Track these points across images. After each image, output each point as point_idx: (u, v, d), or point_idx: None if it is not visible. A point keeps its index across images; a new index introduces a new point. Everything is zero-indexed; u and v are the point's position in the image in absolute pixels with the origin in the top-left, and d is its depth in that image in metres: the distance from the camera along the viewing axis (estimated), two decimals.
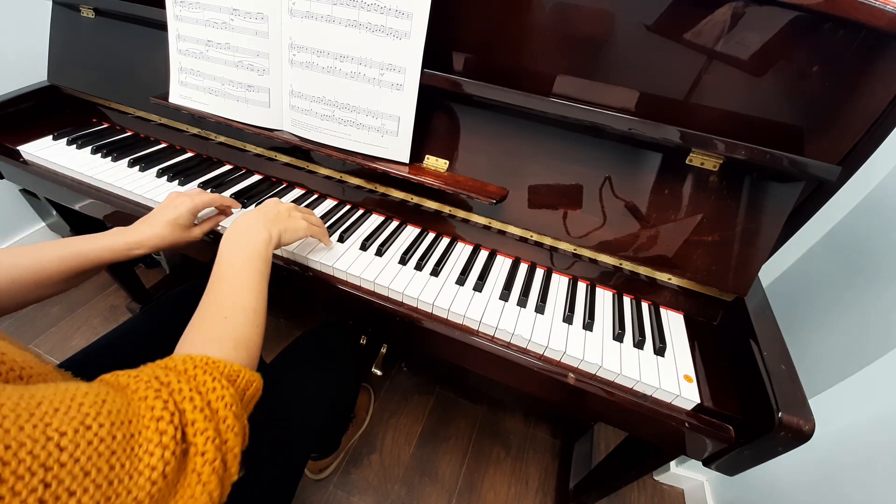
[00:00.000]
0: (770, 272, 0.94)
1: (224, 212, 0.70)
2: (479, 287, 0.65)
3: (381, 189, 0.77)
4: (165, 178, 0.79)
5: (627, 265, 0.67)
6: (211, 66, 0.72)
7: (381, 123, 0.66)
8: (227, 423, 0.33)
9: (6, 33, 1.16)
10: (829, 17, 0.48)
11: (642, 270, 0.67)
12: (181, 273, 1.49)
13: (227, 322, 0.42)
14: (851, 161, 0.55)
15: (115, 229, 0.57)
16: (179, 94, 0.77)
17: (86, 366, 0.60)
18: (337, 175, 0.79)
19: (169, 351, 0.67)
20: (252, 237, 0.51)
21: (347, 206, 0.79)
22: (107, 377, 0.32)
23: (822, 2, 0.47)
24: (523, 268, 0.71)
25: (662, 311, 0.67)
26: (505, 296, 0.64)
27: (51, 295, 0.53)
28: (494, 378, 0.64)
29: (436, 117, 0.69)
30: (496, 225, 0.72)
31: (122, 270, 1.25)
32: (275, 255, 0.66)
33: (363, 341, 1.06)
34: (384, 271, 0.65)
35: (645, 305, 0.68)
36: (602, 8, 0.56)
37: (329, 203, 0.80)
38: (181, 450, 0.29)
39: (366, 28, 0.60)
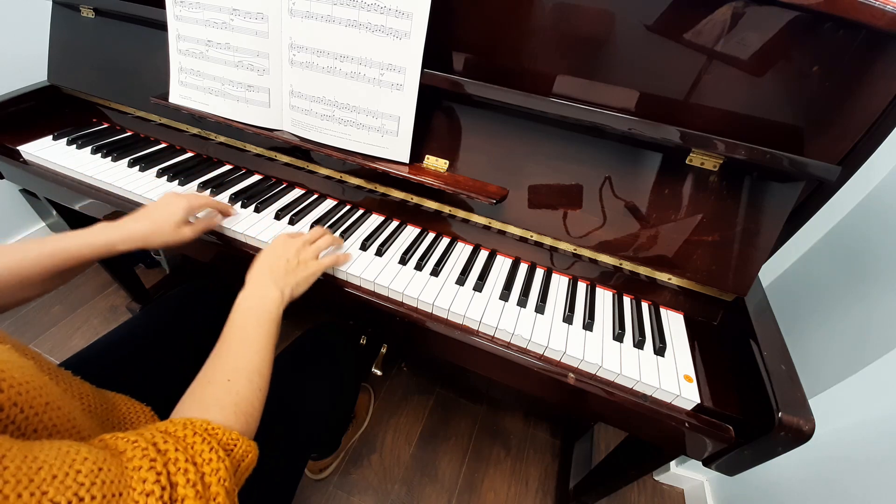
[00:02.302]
0: (770, 272, 0.94)
1: (224, 212, 0.70)
2: (479, 287, 0.65)
3: (381, 189, 0.77)
4: (165, 178, 0.79)
5: (627, 265, 0.67)
6: (211, 66, 0.72)
7: (381, 123, 0.66)
8: (217, 502, 0.32)
9: (6, 33, 1.16)
10: (829, 17, 0.48)
11: (642, 270, 0.67)
12: (181, 273, 1.49)
13: (230, 385, 0.43)
14: (851, 161, 0.55)
15: (100, 224, 0.56)
16: (179, 94, 0.77)
17: (86, 366, 0.60)
18: (337, 175, 0.79)
19: (168, 351, 0.67)
20: (264, 298, 0.52)
21: (347, 206, 0.79)
22: (107, 438, 0.32)
23: (822, 2, 0.47)
24: (523, 268, 0.71)
25: (662, 311, 0.67)
26: (505, 296, 0.64)
27: (37, 295, 0.52)
28: (494, 378, 0.64)
29: (436, 117, 0.69)
30: (496, 225, 0.72)
31: (122, 270, 1.25)
32: None
33: (363, 341, 1.07)
34: (384, 271, 0.65)
35: (645, 305, 0.68)
36: (602, 8, 0.56)
37: (329, 203, 0.80)
38: None
39: (366, 28, 0.60)
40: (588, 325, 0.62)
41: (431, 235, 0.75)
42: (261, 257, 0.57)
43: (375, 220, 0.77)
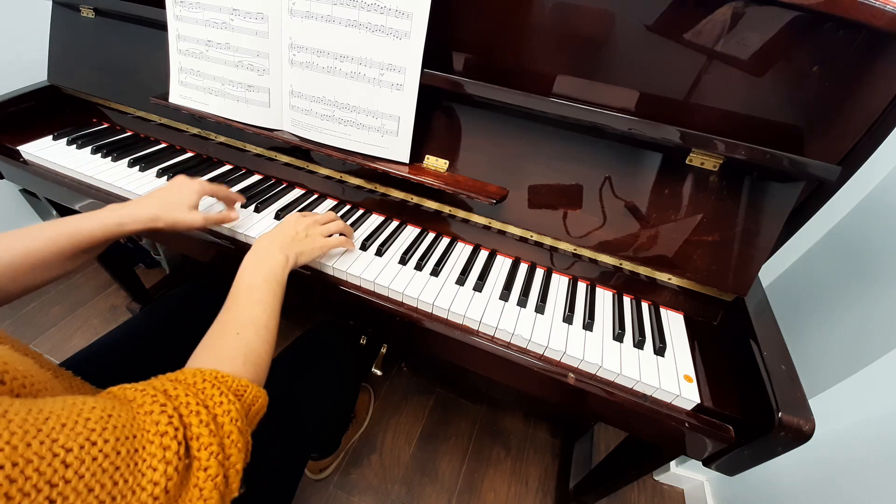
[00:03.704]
0: (770, 272, 0.94)
1: (230, 203, 0.70)
2: (479, 287, 0.65)
3: (381, 189, 0.77)
4: (166, 178, 0.79)
5: (627, 265, 0.67)
6: (211, 66, 0.72)
7: (381, 123, 0.66)
8: (231, 439, 0.33)
9: (6, 33, 1.16)
10: (829, 17, 0.48)
11: (642, 270, 0.67)
12: (181, 273, 1.49)
13: (239, 338, 0.44)
14: (851, 161, 0.55)
15: (111, 205, 0.57)
16: (179, 94, 0.77)
17: (86, 366, 0.60)
18: (337, 175, 0.79)
19: (168, 351, 0.67)
20: (269, 260, 0.53)
21: (347, 206, 0.79)
22: (114, 390, 0.32)
23: (822, 2, 0.47)
24: (523, 268, 0.71)
25: (662, 311, 0.67)
26: (505, 296, 0.64)
27: (50, 279, 0.52)
28: (494, 378, 0.64)
29: (436, 117, 0.69)
30: (496, 225, 0.72)
31: (122, 270, 1.25)
32: None
33: (363, 341, 1.06)
34: (384, 271, 0.65)
35: (645, 305, 0.68)
36: (602, 8, 0.56)
37: (329, 203, 0.80)
38: (184, 465, 0.29)
39: (366, 28, 0.60)
40: (588, 325, 0.62)
41: (431, 235, 0.75)
42: (270, 230, 0.59)
43: (375, 220, 0.77)
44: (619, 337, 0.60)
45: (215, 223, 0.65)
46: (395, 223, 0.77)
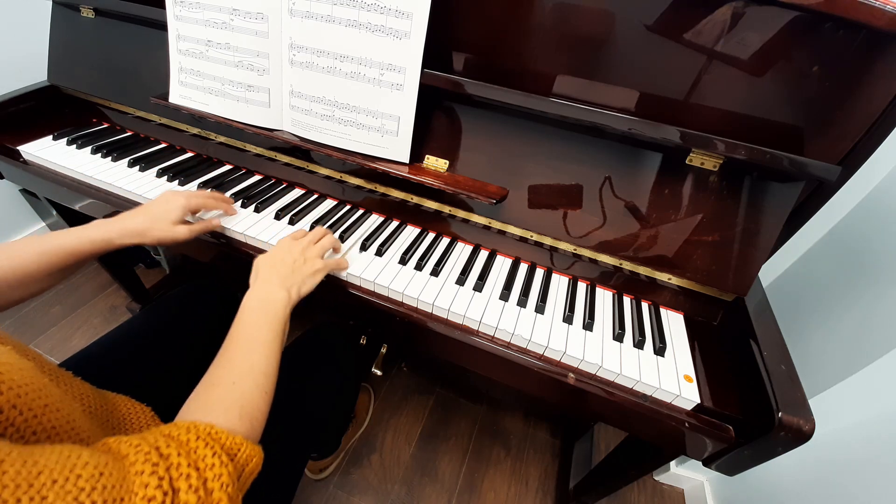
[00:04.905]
0: (770, 272, 0.94)
1: (226, 210, 0.70)
2: (479, 287, 0.65)
3: (381, 189, 0.77)
4: (165, 178, 0.79)
5: (627, 265, 0.67)
6: (211, 66, 0.72)
7: (381, 123, 0.66)
8: None
9: (6, 33, 1.16)
10: (829, 17, 0.48)
11: (642, 270, 0.67)
12: (181, 273, 1.49)
13: (236, 387, 0.42)
14: (851, 161, 0.55)
15: (98, 221, 0.57)
16: (179, 94, 0.77)
17: (86, 366, 0.60)
18: (337, 175, 0.79)
19: (168, 351, 0.67)
20: (271, 299, 0.52)
21: (347, 206, 0.79)
22: (110, 442, 0.32)
23: (822, 2, 0.47)
24: (523, 268, 0.71)
25: (662, 311, 0.67)
26: (505, 296, 0.64)
27: (37, 293, 0.52)
28: (494, 378, 0.64)
29: (436, 117, 0.69)
30: (496, 225, 0.72)
31: (122, 270, 1.25)
32: None
33: (363, 341, 1.07)
34: (384, 271, 0.65)
35: (645, 305, 0.68)
36: (602, 8, 0.56)
37: (329, 203, 0.80)
38: None
39: (366, 28, 0.60)
40: (588, 325, 0.62)
41: (431, 235, 0.75)
42: (266, 258, 0.57)
43: (375, 220, 0.77)
44: (619, 337, 0.60)
45: (200, 232, 0.65)
46: (395, 223, 0.77)
